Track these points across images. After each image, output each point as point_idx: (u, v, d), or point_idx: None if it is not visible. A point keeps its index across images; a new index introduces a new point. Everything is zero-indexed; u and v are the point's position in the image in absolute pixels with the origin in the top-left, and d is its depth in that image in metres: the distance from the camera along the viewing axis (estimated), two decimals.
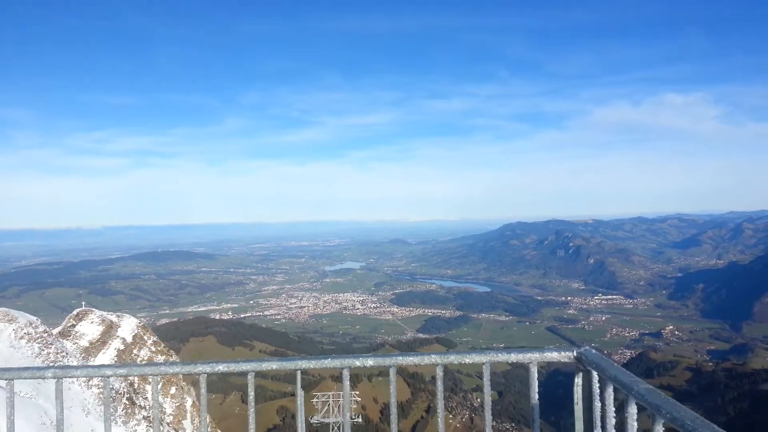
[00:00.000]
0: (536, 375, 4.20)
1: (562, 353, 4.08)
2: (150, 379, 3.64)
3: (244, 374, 4.07)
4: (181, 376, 67.78)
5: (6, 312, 45.11)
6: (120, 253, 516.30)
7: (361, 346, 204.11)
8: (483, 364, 4.25)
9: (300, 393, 4.24)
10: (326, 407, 41.97)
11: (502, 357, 4.24)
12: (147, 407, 55.41)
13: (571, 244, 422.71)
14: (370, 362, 4.21)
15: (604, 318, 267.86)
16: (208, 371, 4.00)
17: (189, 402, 61.33)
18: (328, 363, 4.25)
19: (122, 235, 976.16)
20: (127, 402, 47.94)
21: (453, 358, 4.26)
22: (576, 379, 4.03)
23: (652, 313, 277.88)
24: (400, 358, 4.25)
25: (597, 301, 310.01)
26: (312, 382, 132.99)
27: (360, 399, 64.28)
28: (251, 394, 4.17)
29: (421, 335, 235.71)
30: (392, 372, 4.28)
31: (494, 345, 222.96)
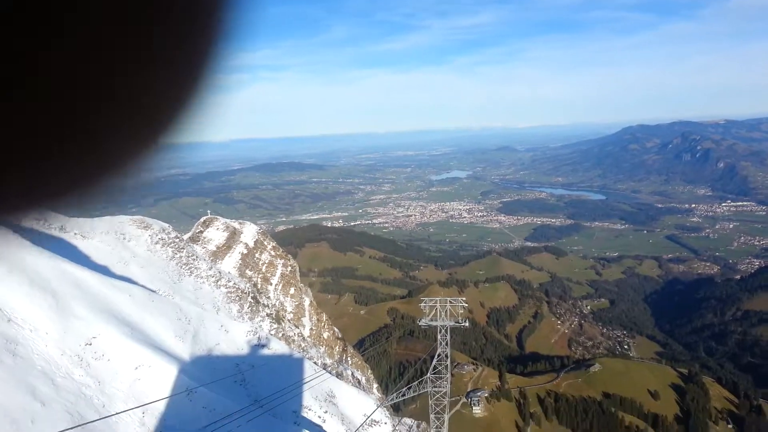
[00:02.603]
0: None
1: None
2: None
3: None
4: (299, 277, 72.81)
5: (141, 219, 50.05)
6: (241, 164, 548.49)
7: (468, 254, 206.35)
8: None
9: None
10: (433, 311, 44.47)
11: None
12: (270, 305, 60.51)
13: (698, 148, 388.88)
14: None
15: (731, 225, 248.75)
16: None
17: (307, 301, 66.18)
18: None
19: (244, 148, 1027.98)
20: (251, 300, 52.51)
21: None
22: None
23: None
24: None
25: (725, 208, 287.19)
26: (420, 287, 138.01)
27: (467, 304, 65.71)
28: None
29: (529, 243, 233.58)
30: None
31: (607, 254, 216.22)
